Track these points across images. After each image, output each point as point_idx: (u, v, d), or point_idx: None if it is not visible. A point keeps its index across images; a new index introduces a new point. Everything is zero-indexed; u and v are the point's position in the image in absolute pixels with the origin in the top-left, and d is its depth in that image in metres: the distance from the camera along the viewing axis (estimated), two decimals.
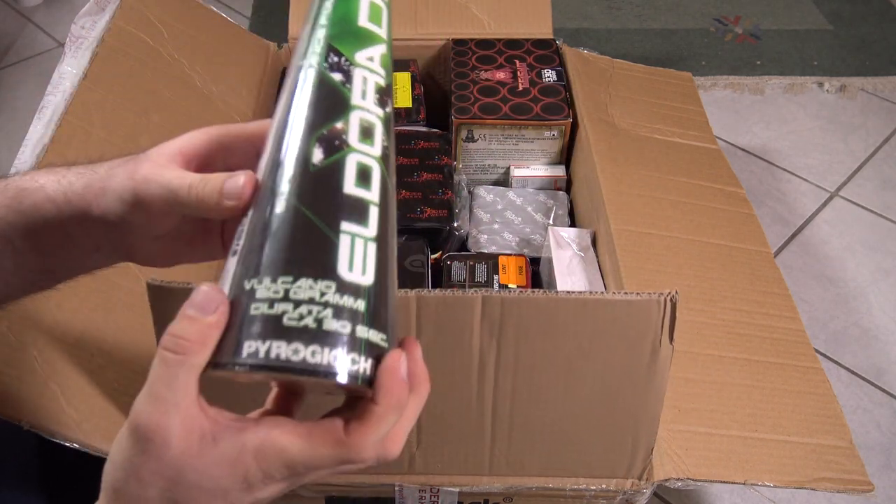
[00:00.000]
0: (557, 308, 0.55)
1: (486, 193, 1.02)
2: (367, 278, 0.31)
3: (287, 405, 0.36)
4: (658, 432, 0.66)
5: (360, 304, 0.31)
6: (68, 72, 0.80)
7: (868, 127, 1.48)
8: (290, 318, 0.30)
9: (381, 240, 0.32)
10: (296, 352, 0.29)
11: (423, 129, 1.02)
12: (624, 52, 1.62)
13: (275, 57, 1.10)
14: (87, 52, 0.82)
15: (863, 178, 1.38)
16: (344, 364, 0.30)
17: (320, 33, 0.34)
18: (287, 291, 0.30)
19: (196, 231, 0.41)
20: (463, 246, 0.97)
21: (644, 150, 0.96)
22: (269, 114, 0.37)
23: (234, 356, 0.30)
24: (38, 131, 0.73)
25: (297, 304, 0.30)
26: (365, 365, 0.30)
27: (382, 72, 0.35)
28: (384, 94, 0.35)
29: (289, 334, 0.30)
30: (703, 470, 0.64)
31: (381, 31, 0.35)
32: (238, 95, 0.98)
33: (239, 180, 0.34)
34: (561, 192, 1.03)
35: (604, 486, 0.64)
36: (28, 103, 1.45)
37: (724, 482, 0.64)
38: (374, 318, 0.31)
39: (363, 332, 0.31)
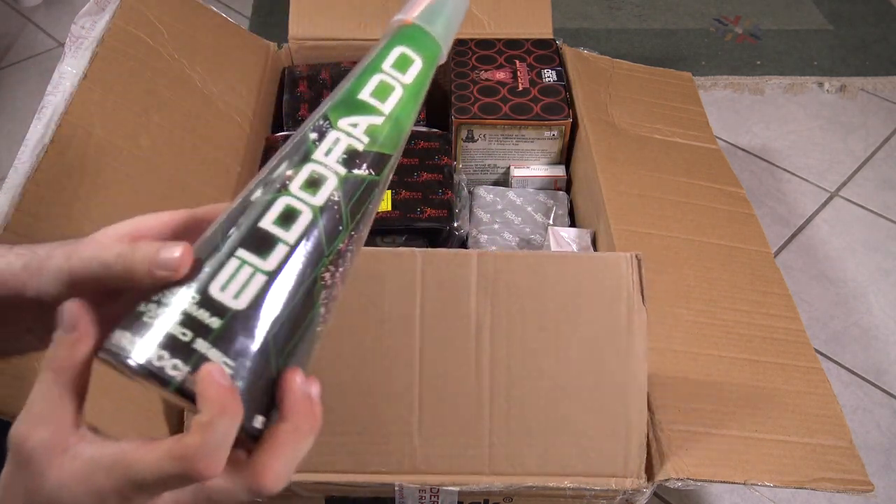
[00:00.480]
0: (543, 265, 0.66)
1: (486, 193, 1.02)
2: (237, 303, 0.31)
3: None
4: (658, 432, 0.66)
5: (215, 322, 0.31)
6: (68, 72, 0.80)
7: (868, 127, 1.48)
8: (148, 315, 0.31)
9: (277, 277, 0.32)
10: (130, 342, 0.31)
11: (423, 129, 1.02)
12: (624, 52, 1.62)
13: (275, 57, 1.10)
14: (87, 52, 0.82)
15: (863, 178, 1.38)
16: (165, 364, 0.30)
17: (326, 104, 0.37)
18: (163, 293, 0.31)
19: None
20: (463, 246, 0.97)
21: (644, 150, 0.96)
22: (269, 113, 0.37)
23: (103, 345, 0.32)
24: (38, 131, 0.73)
25: (161, 304, 0.31)
26: (184, 374, 0.30)
27: (364, 139, 0.36)
28: (358, 158, 0.36)
29: (137, 327, 0.31)
30: (703, 470, 0.64)
31: (383, 106, 0.37)
32: (238, 95, 0.98)
33: (174, 251, 0.32)
34: (561, 192, 1.03)
35: (603, 485, 0.64)
36: (28, 103, 1.45)
37: (724, 482, 0.64)
38: (225, 341, 0.31)
39: (202, 346, 0.30)
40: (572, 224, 1.00)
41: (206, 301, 0.31)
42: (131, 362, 0.30)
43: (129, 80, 0.85)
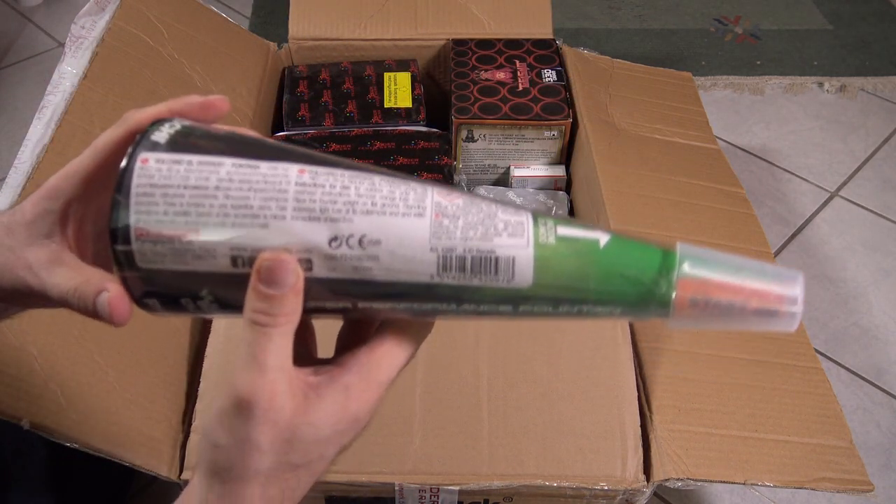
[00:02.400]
0: None
1: (486, 193, 1.02)
2: None
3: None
4: (658, 432, 0.66)
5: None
6: (68, 72, 0.80)
7: (868, 127, 1.48)
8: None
9: None
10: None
11: (423, 129, 1.02)
12: (624, 52, 1.62)
13: (275, 57, 1.10)
14: (87, 52, 0.82)
15: (863, 178, 1.38)
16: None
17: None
18: None
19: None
20: None
21: (644, 150, 0.96)
22: (269, 114, 0.37)
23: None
24: (38, 131, 0.73)
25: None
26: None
27: None
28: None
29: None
30: (703, 470, 0.64)
31: None
32: (238, 95, 0.98)
33: (121, 304, 0.33)
34: (561, 192, 1.03)
35: (603, 484, 0.64)
36: (28, 103, 1.45)
37: (724, 482, 0.64)
38: None
39: None
40: None
41: None
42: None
43: (129, 80, 0.85)
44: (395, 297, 0.31)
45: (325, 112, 1.03)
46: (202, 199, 0.30)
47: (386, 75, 1.08)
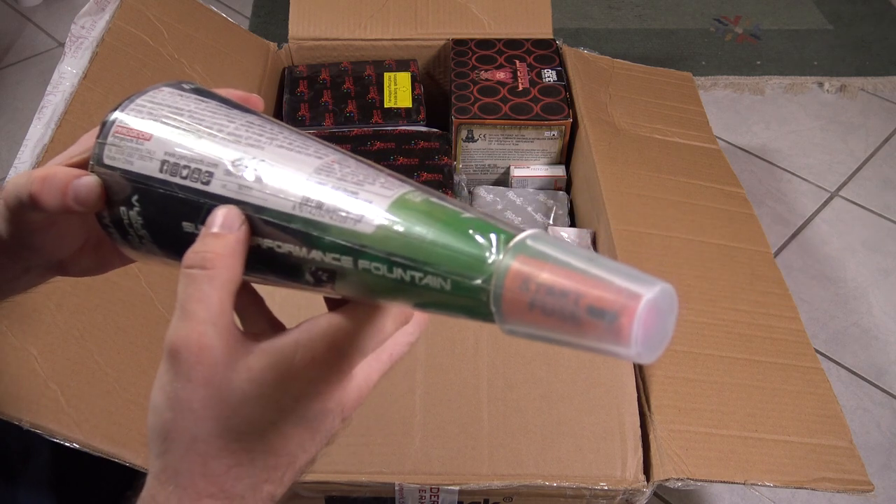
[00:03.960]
0: None
1: (486, 193, 1.02)
2: None
3: None
4: (658, 432, 0.66)
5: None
6: (68, 72, 0.80)
7: (868, 127, 1.48)
8: None
9: None
10: None
11: (423, 129, 1.02)
12: (624, 52, 1.62)
13: (275, 57, 1.10)
14: (87, 52, 0.82)
15: (863, 178, 1.38)
16: None
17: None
18: None
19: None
20: None
21: (644, 150, 0.96)
22: (269, 114, 0.37)
23: None
24: (38, 131, 0.73)
25: None
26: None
27: None
28: None
29: None
30: (703, 470, 0.64)
31: None
32: None
33: (91, 181, 0.32)
34: (561, 192, 1.03)
35: (603, 484, 0.64)
36: (28, 103, 1.45)
37: (724, 482, 0.64)
38: None
39: None
40: (572, 224, 1.00)
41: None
42: None
43: (129, 80, 0.85)
44: (258, 233, 0.31)
45: (325, 112, 1.03)
46: (173, 114, 0.34)
47: (386, 75, 1.08)
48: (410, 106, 1.04)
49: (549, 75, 1.05)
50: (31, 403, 0.59)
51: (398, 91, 1.06)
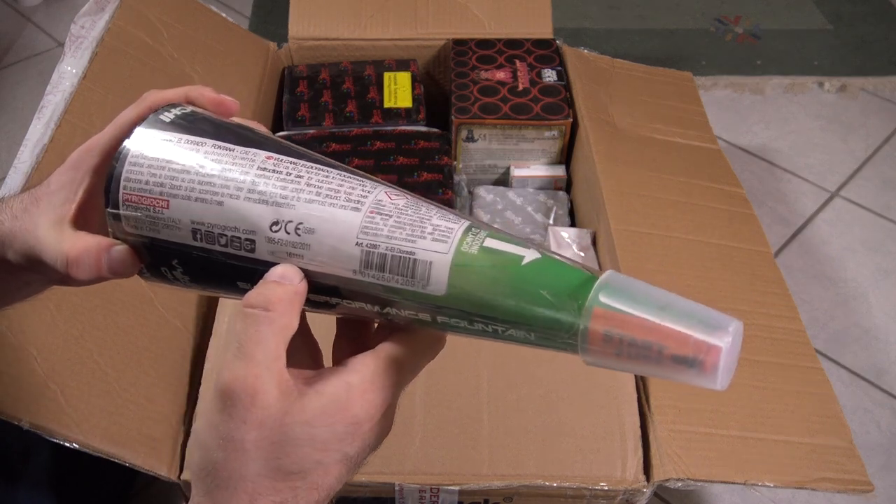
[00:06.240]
0: None
1: (486, 193, 1.02)
2: None
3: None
4: (658, 432, 0.66)
5: None
6: (68, 72, 0.79)
7: (868, 127, 1.48)
8: None
9: None
10: None
11: (423, 129, 1.02)
12: (624, 52, 1.62)
13: (275, 57, 1.10)
14: (86, 52, 0.82)
15: (863, 178, 1.38)
16: None
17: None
18: None
19: None
20: None
21: (644, 150, 0.96)
22: (269, 114, 0.37)
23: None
24: (38, 131, 0.73)
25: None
26: None
27: None
28: None
29: None
30: (703, 470, 0.64)
31: None
32: (238, 95, 0.98)
33: (123, 253, 0.33)
34: (561, 192, 1.03)
35: (603, 484, 0.64)
36: (28, 103, 1.45)
37: (724, 482, 0.64)
38: None
39: None
40: (572, 224, 1.00)
41: None
42: None
43: (129, 79, 0.85)
44: (324, 291, 0.31)
45: (324, 112, 1.03)
46: (177, 174, 0.32)
47: (386, 75, 1.08)
48: (410, 106, 1.04)
49: (549, 75, 1.05)
50: (30, 403, 0.59)
51: (398, 91, 1.06)
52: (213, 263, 0.32)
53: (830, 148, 1.43)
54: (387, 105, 1.04)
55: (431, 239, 0.30)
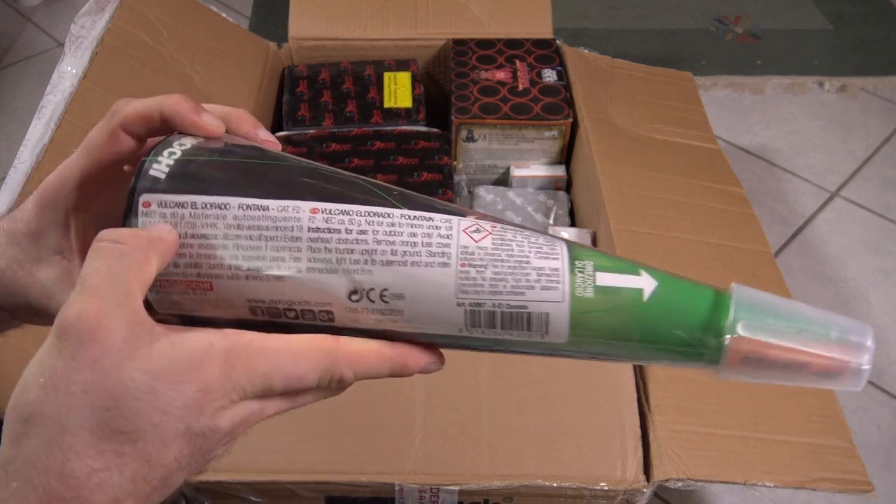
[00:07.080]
0: None
1: (486, 193, 1.02)
2: None
3: None
4: (658, 432, 0.66)
5: None
6: (68, 72, 0.79)
7: (868, 127, 1.48)
8: None
9: None
10: None
11: (423, 129, 1.02)
12: (624, 52, 1.62)
13: (275, 57, 1.10)
14: (86, 52, 0.82)
15: (863, 178, 1.38)
16: None
17: None
18: None
19: None
20: None
21: (644, 150, 0.96)
22: (269, 113, 0.37)
23: None
24: (38, 131, 0.73)
25: None
26: None
27: None
28: None
29: None
30: (703, 470, 0.64)
31: None
32: (238, 95, 0.98)
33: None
34: (561, 192, 1.03)
35: (603, 484, 0.64)
36: (28, 103, 1.45)
37: (724, 482, 0.64)
38: None
39: None
40: (572, 224, 1.00)
41: None
42: None
43: (129, 79, 0.85)
44: (423, 343, 0.30)
45: (324, 112, 1.03)
46: (212, 250, 0.28)
47: (386, 75, 1.08)
48: (410, 106, 1.04)
49: (550, 75, 1.05)
50: None
51: (398, 91, 1.06)
52: (284, 330, 0.29)
53: (830, 148, 1.43)
54: (387, 105, 1.04)
55: (540, 287, 0.28)
